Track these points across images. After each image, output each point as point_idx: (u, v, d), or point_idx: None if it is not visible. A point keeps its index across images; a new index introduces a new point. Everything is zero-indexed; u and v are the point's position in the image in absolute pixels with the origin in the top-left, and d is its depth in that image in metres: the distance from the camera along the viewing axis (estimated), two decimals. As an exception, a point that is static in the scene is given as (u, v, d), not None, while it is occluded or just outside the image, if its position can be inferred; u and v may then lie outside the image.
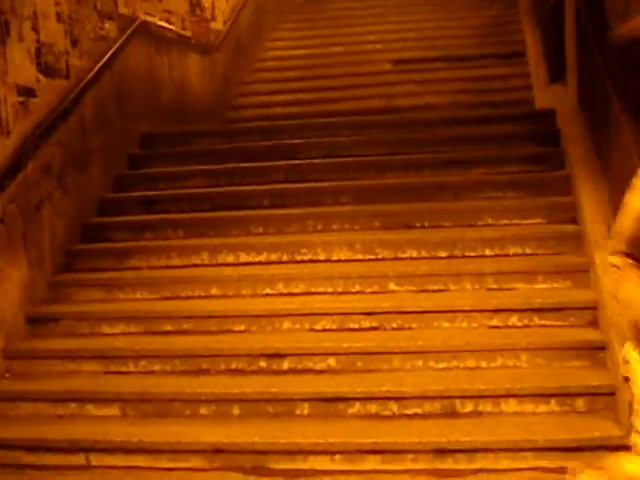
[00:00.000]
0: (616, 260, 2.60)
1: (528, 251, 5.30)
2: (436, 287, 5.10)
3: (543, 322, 4.78)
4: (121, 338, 5.13)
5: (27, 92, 5.34)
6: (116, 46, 6.65)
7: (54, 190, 5.67)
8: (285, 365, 4.71)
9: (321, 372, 4.67)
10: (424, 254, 5.38)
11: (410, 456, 4.06)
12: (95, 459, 4.34)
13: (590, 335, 4.60)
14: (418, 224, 5.68)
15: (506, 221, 5.59)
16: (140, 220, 6.21)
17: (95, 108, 6.32)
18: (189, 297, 5.37)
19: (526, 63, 8.87)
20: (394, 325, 4.88)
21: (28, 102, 5.36)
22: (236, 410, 4.49)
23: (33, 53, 5.43)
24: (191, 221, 6.06)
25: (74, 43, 6.01)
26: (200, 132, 7.58)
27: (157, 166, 7.00)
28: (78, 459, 4.36)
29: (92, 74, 6.19)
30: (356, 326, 4.91)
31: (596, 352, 4.49)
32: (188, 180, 6.63)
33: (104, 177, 6.51)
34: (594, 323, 4.69)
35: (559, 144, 6.24)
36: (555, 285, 5.03)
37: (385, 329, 4.88)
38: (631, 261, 2.56)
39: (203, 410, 4.52)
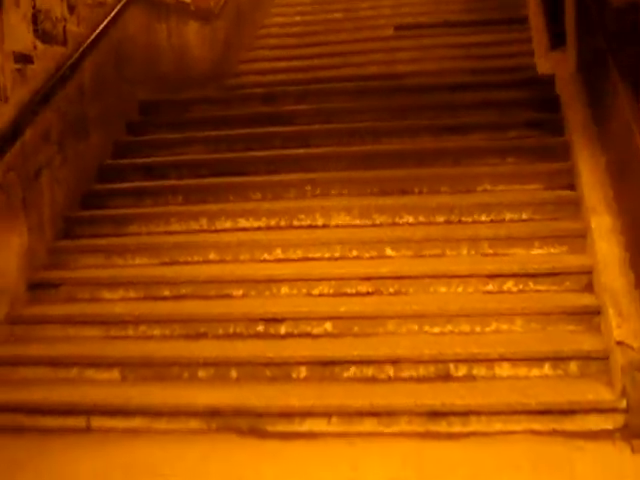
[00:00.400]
0: None
1: (525, 217, 5.32)
2: (433, 252, 5.14)
3: (538, 287, 4.81)
4: (121, 303, 5.19)
5: (24, 59, 5.35)
6: (114, 12, 6.63)
7: (53, 157, 5.70)
8: (282, 329, 4.77)
9: (318, 336, 4.72)
10: (421, 219, 5.41)
11: (405, 418, 4.11)
12: (95, 422, 4.41)
13: (585, 300, 4.62)
14: (416, 190, 5.70)
15: (504, 187, 5.61)
16: (139, 186, 6.24)
17: (93, 75, 6.33)
18: (188, 262, 5.43)
19: (529, 29, 8.84)
20: (390, 290, 4.92)
21: (25, 69, 5.37)
22: (234, 373, 4.55)
23: (30, 19, 5.43)
24: (190, 187, 6.09)
25: (71, 9, 6.00)
26: (199, 99, 7.58)
27: (156, 133, 7.01)
28: (79, 422, 4.42)
29: (90, 40, 6.18)
30: (353, 291, 4.96)
31: (590, 317, 4.53)
32: (187, 147, 6.65)
33: (103, 144, 6.54)
34: (589, 288, 4.72)
35: (559, 110, 6.23)
36: (551, 250, 5.06)
37: (381, 294, 4.93)
38: None
39: (201, 373, 4.59)
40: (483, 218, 5.35)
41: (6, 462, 4.10)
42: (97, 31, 6.32)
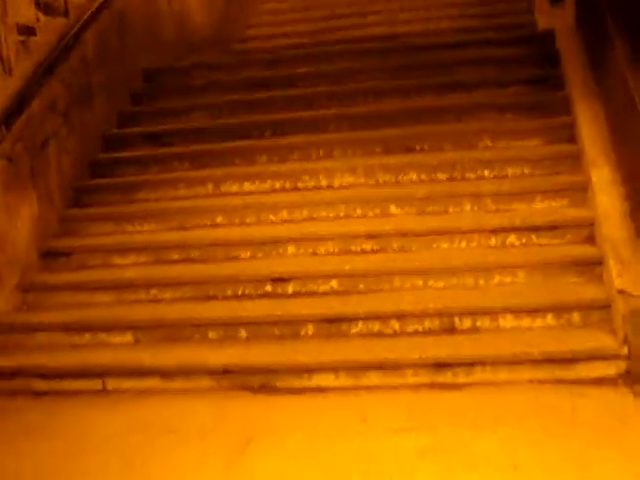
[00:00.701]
0: None
1: (526, 172, 5.37)
2: (436, 209, 5.21)
3: (541, 240, 4.88)
4: (131, 269, 5.29)
5: (27, 31, 5.42)
6: (114, -19, 6.67)
7: (60, 127, 5.78)
8: (290, 289, 4.87)
9: (324, 294, 4.82)
10: (424, 177, 5.47)
11: (411, 371, 4.22)
12: (110, 384, 4.54)
13: (586, 251, 4.69)
14: (418, 147, 5.75)
15: (505, 143, 5.65)
16: (145, 154, 6.31)
17: (96, 45, 6.38)
18: (196, 227, 5.51)
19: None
20: (395, 247, 5.00)
21: (29, 41, 5.44)
22: (243, 333, 4.66)
23: (31, -9, 5.49)
24: (196, 153, 6.16)
25: (72, -20, 6.05)
26: (202, 65, 7.56)
27: (161, 100, 7.06)
28: (94, 384, 4.55)
29: (91, 11, 6.22)
30: (358, 249, 5.04)
31: (592, 267, 4.61)
32: (192, 113, 6.71)
33: (108, 113, 6.61)
34: (590, 240, 4.79)
35: (558, 65, 6.24)
36: (553, 204, 5.11)
37: (386, 251, 5.01)
38: None
39: (212, 334, 4.70)
40: (485, 174, 5.41)
41: (23, 425, 4.23)
42: (98, 1, 6.35)
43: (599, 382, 4.05)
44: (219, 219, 5.49)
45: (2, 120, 5.03)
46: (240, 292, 4.93)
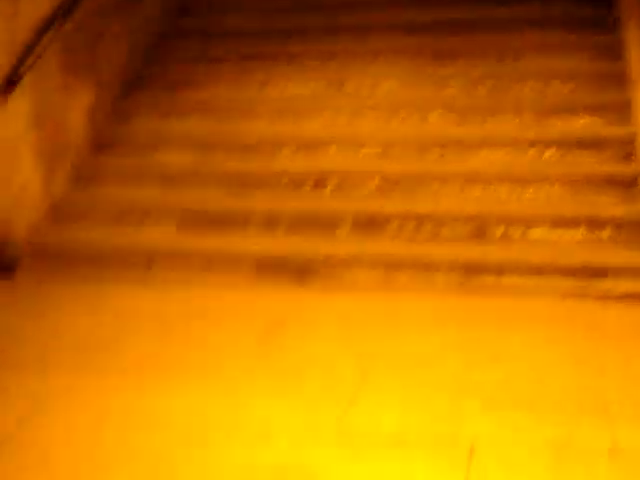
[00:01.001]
0: None
1: (570, 87, 5.39)
2: (476, 119, 5.27)
3: (579, 155, 4.94)
4: (177, 160, 5.43)
5: None
6: None
7: (115, 21, 5.88)
8: (329, 187, 5.00)
9: (363, 194, 4.95)
10: (467, 87, 5.51)
11: (441, 272, 4.38)
12: (154, 269, 4.74)
13: (624, 169, 4.76)
14: (463, 58, 5.77)
15: (550, 57, 5.65)
16: (194, 54, 6.36)
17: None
18: (241, 125, 5.60)
19: None
20: (433, 153, 5.10)
21: None
22: (283, 226, 4.82)
23: None
24: (243, 53, 6.22)
25: None
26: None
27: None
28: (138, 268, 4.76)
29: None
30: (397, 153, 5.14)
31: (628, 185, 4.68)
32: (241, 14, 6.72)
33: (159, 12, 6.66)
34: (628, 158, 4.85)
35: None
36: (594, 120, 5.14)
37: (425, 157, 5.10)
38: None
39: (252, 226, 4.87)
40: (528, 87, 5.43)
41: (79, 303, 4.45)
42: None
43: (625, 297, 4.17)
44: (263, 118, 5.59)
45: (65, 8, 5.14)
46: (281, 188, 5.07)
